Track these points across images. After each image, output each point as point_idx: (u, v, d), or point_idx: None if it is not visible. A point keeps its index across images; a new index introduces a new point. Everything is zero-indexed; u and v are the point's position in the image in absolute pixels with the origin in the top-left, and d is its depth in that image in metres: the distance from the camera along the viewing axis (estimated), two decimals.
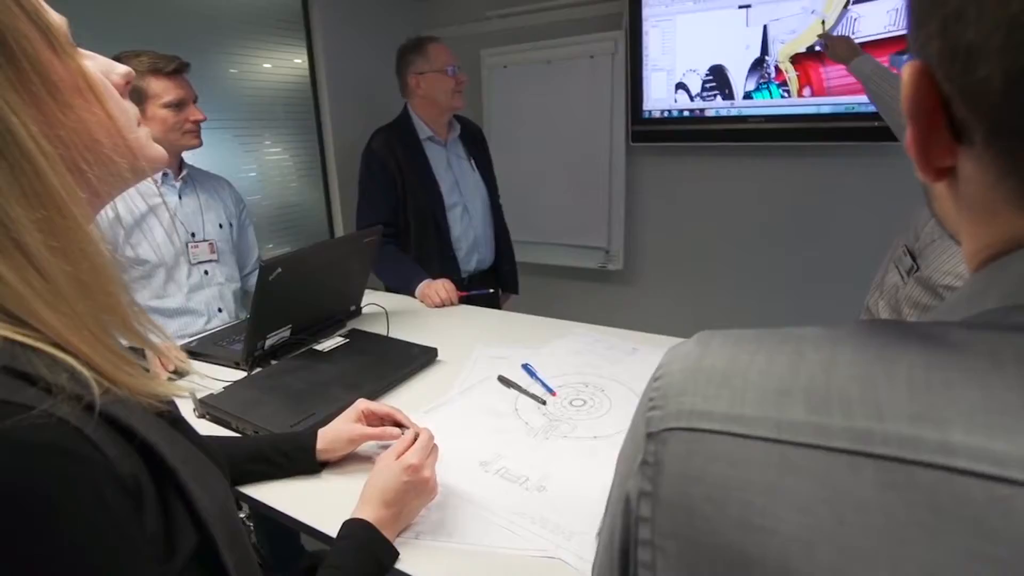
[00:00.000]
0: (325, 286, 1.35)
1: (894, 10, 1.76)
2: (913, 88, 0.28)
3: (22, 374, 0.35)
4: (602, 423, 0.97)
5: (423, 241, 1.81)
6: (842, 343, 0.27)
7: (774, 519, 0.24)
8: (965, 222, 0.31)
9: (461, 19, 2.61)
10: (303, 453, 0.83)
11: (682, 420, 0.28)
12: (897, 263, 1.19)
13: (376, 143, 1.79)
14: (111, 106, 0.43)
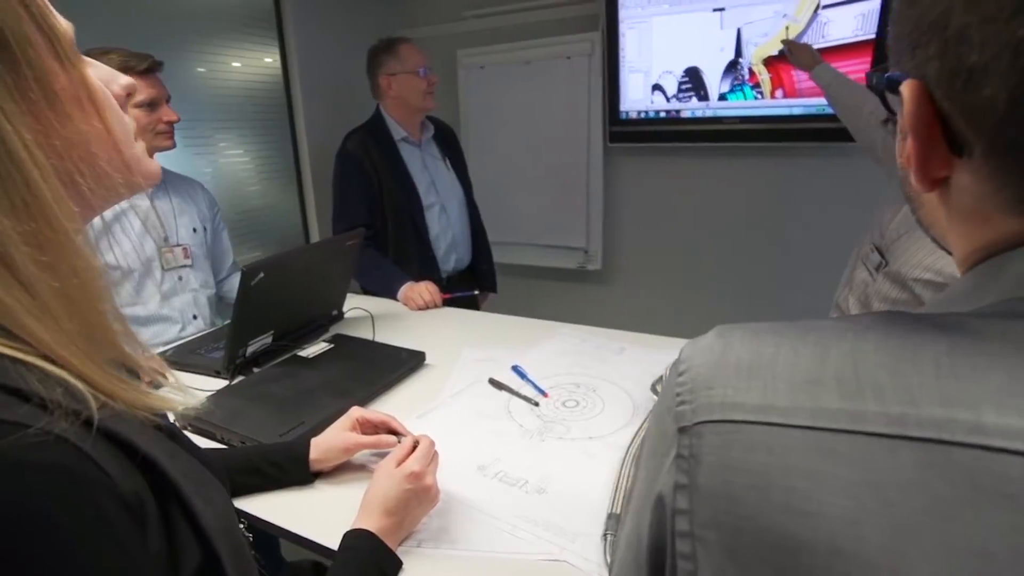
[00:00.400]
0: (307, 291, 1.32)
1: (861, 16, 1.81)
2: (914, 105, 0.30)
3: (14, 390, 0.34)
4: (596, 423, 0.97)
5: (401, 242, 1.79)
6: (864, 333, 0.28)
7: (819, 503, 0.24)
8: (957, 227, 0.33)
9: (437, 19, 2.59)
10: (296, 464, 0.81)
11: (715, 413, 0.29)
12: (865, 260, 1.24)
13: (351, 144, 1.77)
14: (110, 119, 0.41)
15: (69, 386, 0.36)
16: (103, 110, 0.41)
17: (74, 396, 0.36)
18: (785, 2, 1.89)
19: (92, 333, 0.39)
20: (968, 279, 0.32)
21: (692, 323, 2.31)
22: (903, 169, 0.37)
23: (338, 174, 1.77)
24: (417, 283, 1.61)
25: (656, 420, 0.35)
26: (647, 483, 0.34)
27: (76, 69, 0.39)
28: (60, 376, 0.36)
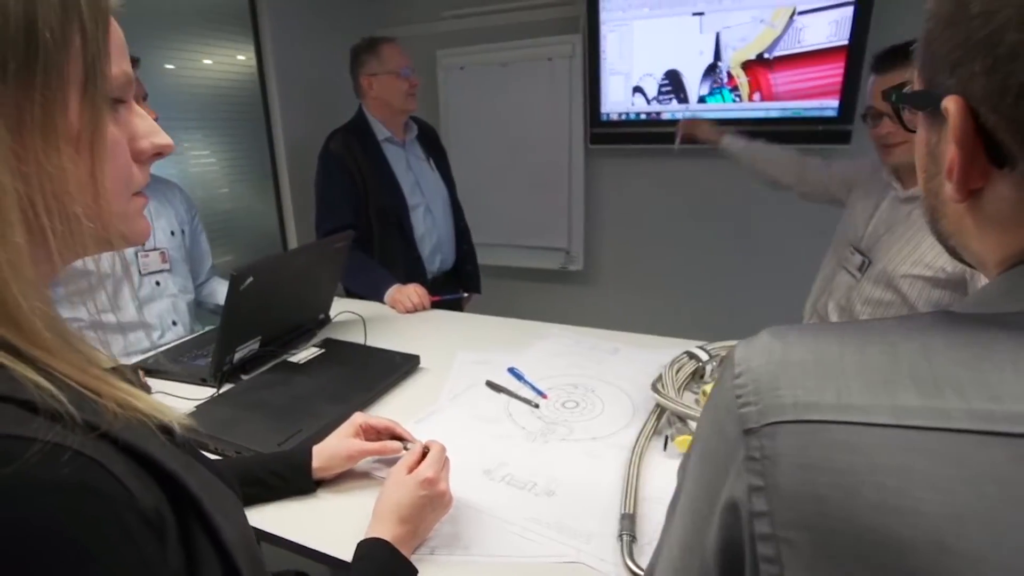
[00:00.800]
0: (295, 295, 1.29)
1: (835, 22, 1.87)
2: (960, 119, 0.31)
3: (23, 402, 0.32)
4: (598, 424, 0.97)
5: (387, 243, 1.76)
6: (928, 332, 0.29)
7: (913, 499, 0.24)
8: (990, 234, 0.34)
9: (416, 19, 2.56)
10: (299, 473, 0.78)
11: (787, 413, 0.29)
12: (845, 264, 1.28)
13: (334, 144, 1.74)
14: (102, 169, 0.38)
15: (81, 397, 0.34)
16: (99, 160, 0.37)
17: (85, 407, 0.34)
18: (763, 8, 1.94)
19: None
20: (1003, 281, 0.33)
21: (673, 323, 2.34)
22: (928, 183, 0.38)
23: (321, 175, 1.74)
24: (404, 285, 1.59)
25: (710, 423, 0.35)
26: (705, 488, 0.34)
27: (96, 113, 0.36)
28: (66, 384, 0.35)
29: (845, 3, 1.84)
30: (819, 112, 1.98)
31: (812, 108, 1.99)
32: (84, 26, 0.36)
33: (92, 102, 0.37)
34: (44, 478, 0.29)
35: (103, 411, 0.35)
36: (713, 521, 0.32)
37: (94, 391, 0.36)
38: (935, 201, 0.39)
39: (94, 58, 0.36)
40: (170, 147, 0.45)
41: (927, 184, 0.39)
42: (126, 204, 0.42)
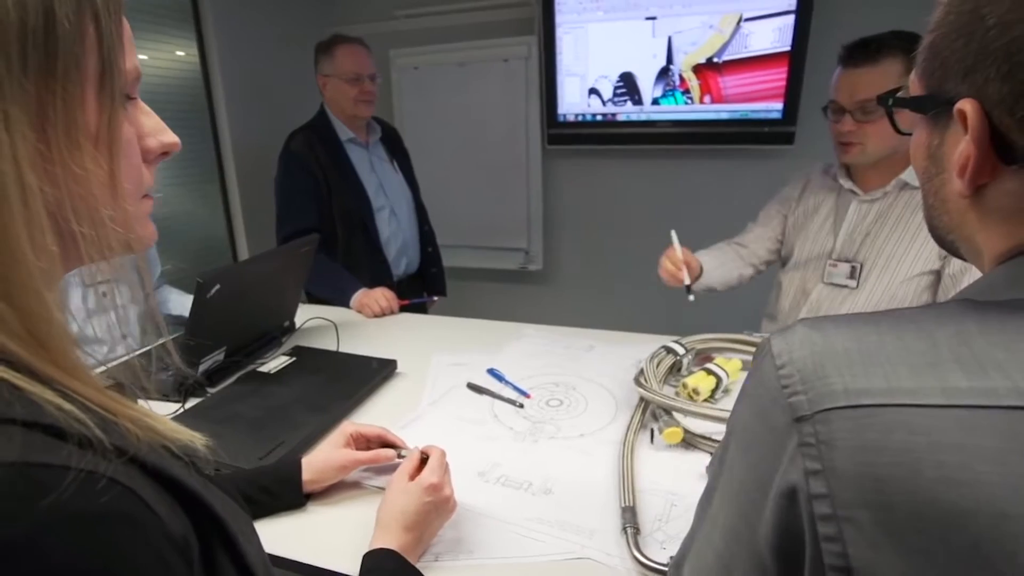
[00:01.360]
0: (262, 302, 1.24)
1: (778, 29, 1.97)
2: (977, 120, 0.34)
3: (47, 427, 0.30)
4: (585, 420, 0.98)
5: (352, 247, 1.72)
6: (960, 319, 0.31)
7: (973, 473, 0.26)
8: (993, 227, 0.37)
9: (368, 17, 2.51)
10: (288, 487, 0.75)
11: (839, 399, 0.30)
12: (829, 279, 1.24)
13: (295, 144, 1.68)
14: (120, 168, 0.36)
15: (105, 420, 0.32)
16: (117, 159, 0.36)
17: (110, 431, 0.32)
18: (712, 14, 2.02)
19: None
20: (1006, 270, 0.36)
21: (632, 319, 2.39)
22: (927, 183, 0.41)
23: (282, 176, 1.67)
24: (371, 289, 1.56)
25: (752, 414, 0.36)
26: (754, 476, 0.35)
27: (113, 110, 0.34)
28: (88, 406, 0.32)
29: (787, 11, 1.94)
30: (765, 114, 2.09)
31: (758, 110, 2.09)
32: (98, 16, 0.34)
33: (110, 98, 0.35)
34: (82, 509, 0.28)
35: (127, 434, 0.33)
36: (766, 507, 0.33)
37: (113, 412, 0.34)
38: (934, 200, 0.42)
39: (110, 51, 0.34)
40: (177, 145, 0.43)
41: (926, 184, 0.42)
42: (138, 206, 0.40)
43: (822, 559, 0.30)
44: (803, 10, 1.92)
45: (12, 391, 0.30)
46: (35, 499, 0.27)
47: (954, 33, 0.35)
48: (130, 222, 0.38)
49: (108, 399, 0.35)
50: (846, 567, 0.29)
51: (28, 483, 0.27)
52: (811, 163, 1.39)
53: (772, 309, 1.40)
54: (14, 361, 0.31)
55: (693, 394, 0.99)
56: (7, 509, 0.26)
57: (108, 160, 0.35)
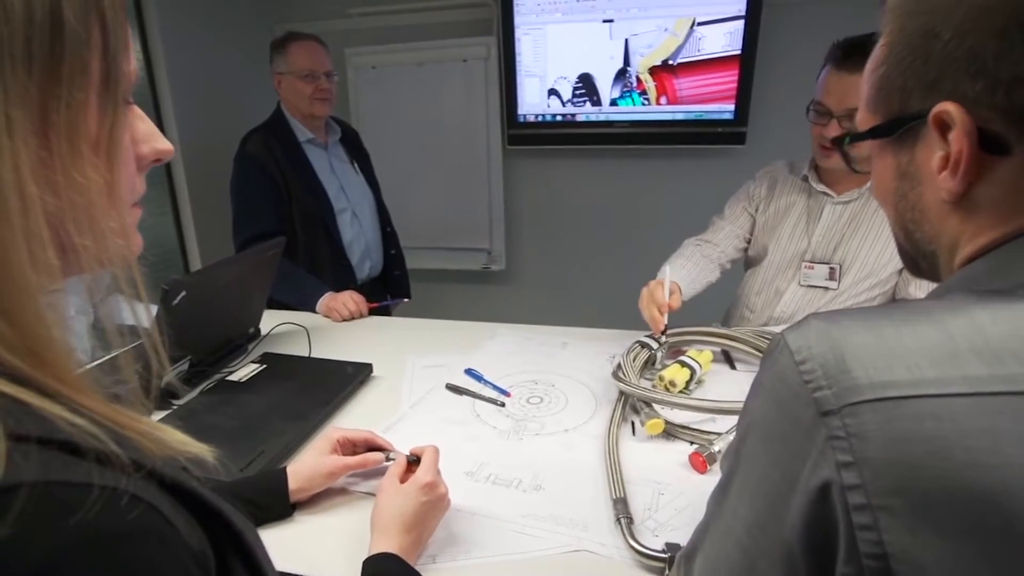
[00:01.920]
0: (227, 308, 1.20)
1: (729, 33, 2.05)
2: (963, 114, 0.37)
3: (63, 443, 0.28)
4: (567, 416, 0.99)
5: (314, 250, 1.68)
6: (969, 310, 0.33)
7: (1003, 455, 0.28)
8: (982, 220, 0.39)
9: (321, 15, 2.45)
10: (275, 498, 0.73)
11: (865, 393, 0.32)
12: (805, 281, 1.26)
13: (252, 145, 1.62)
14: (118, 178, 0.34)
15: (120, 436, 0.31)
16: (116, 167, 0.34)
17: (126, 446, 0.31)
18: (666, 18, 2.08)
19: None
20: (986, 262, 0.39)
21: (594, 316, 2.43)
22: (900, 203, 0.44)
23: (239, 178, 1.61)
24: (339, 293, 1.52)
25: (774, 408, 0.37)
26: (780, 470, 0.36)
27: (116, 115, 0.33)
28: (100, 420, 0.31)
29: (737, 17, 2.02)
30: (718, 115, 2.17)
31: (712, 111, 2.17)
32: (104, 17, 0.32)
33: (113, 103, 0.33)
34: (111, 528, 0.27)
35: (141, 447, 0.32)
36: (794, 500, 0.34)
37: (122, 426, 0.33)
38: (912, 214, 0.44)
39: (115, 53, 0.33)
40: (170, 152, 0.41)
41: (901, 203, 0.45)
42: (130, 215, 0.38)
43: (857, 548, 0.31)
44: (752, 16, 2.00)
45: (19, 406, 0.28)
46: (61, 519, 0.26)
47: (908, 58, 0.39)
48: (128, 232, 0.36)
49: (115, 412, 0.33)
50: (882, 553, 0.30)
51: (52, 503, 0.26)
52: (763, 161, 1.44)
53: (743, 305, 1.41)
54: (16, 376, 0.29)
55: (670, 386, 1.02)
56: (32, 531, 0.25)
57: (108, 168, 0.33)
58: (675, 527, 0.72)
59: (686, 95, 2.16)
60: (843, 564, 0.32)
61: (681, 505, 0.76)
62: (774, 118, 2.16)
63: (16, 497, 0.24)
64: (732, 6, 2.02)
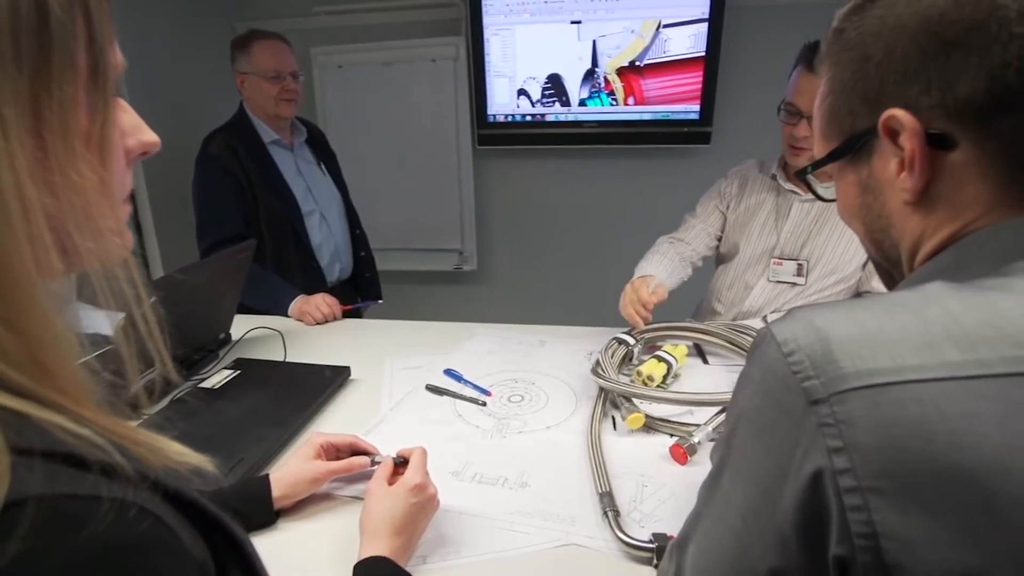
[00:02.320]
0: (198, 313, 1.16)
1: (693, 36, 2.10)
2: (907, 115, 0.40)
3: (67, 456, 0.28)
4: (548, 413, 1.00)
5: (282, 254, 1.64)
6: (943, 300, 0.35)
7: (979, 435, 0.30)
8: (940, 215, 0.43)
9: (285, 13, 2.40)
10: (258, 506, 0.72)
11: (851, 381, 0.34)
12: (774, 277, 1.31)
13: (215, 147, 1.57)
14: (111, 174, 0.33)
15: (124, 448, 0.31)
16: (109, 163, 0.33)
17: (130, 457, 0.30)
18: (633, 20, 2.11)
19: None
20: (949, 255, 0.42)
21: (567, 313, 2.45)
22: (867, 215, 0.47)
23: (202, 181, 1.56)
24: (311, 296, 1.50)
25: (764, 399, 0.38)
26: (772, 458, 0.37)
27: (106, 109, 0.32)
28: (101, 431, 0.31)
29: (701, 19, 2.08)
30: (684, 115, 2.22)
31: (678, 111, 2.22)
32: (88, 5, 0.31)
33: (103, 96, 0.32)
34: (121, 540, 0.26)
35: (144, 459, 0.31)
36: (787, 486, 0.36)
37: (123, 437, 0.32)
38: (879, 223, 0.48)
39: (102, 45, 0.32)
40: (157, 144, 0.40)
41: (867, 215, 0.48)
42: (122, 212, 0.37)
43: (849, 528, 0.32)
44: (715, 18, 2.06)
45: (20, 419, 0.28)
46: (71, 533, 0.25)
47: (850, 83, 0.44)
48: (124, 230, 0.35)
49: (115, 423, 0.33)
50: (872, 533, 0.32)
51: (61, 517, 0.25)
52: (728, 160, 1.48)
53: (714, 300, 1.45)
54: (17, 388, 0.28)
55: (648, 380, 1.04)
56: (44, 546, 0.24)
57: (102, 165, 0.32)
58: (660, 518, 0.74)
59: (653, 96, 2.21)
60: (835, 545, 0.34)
61: (664, 496, 0.78)
62: (738, 118, 2.22)
63: (24, 512, 0.24)
64: (696, 9, 2.07)
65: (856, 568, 0.33)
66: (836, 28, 0.46)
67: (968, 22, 0.37)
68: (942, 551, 0.31)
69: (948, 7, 0.38)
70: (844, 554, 0.33)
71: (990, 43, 0.36)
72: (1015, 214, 0.39)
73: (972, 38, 0.37)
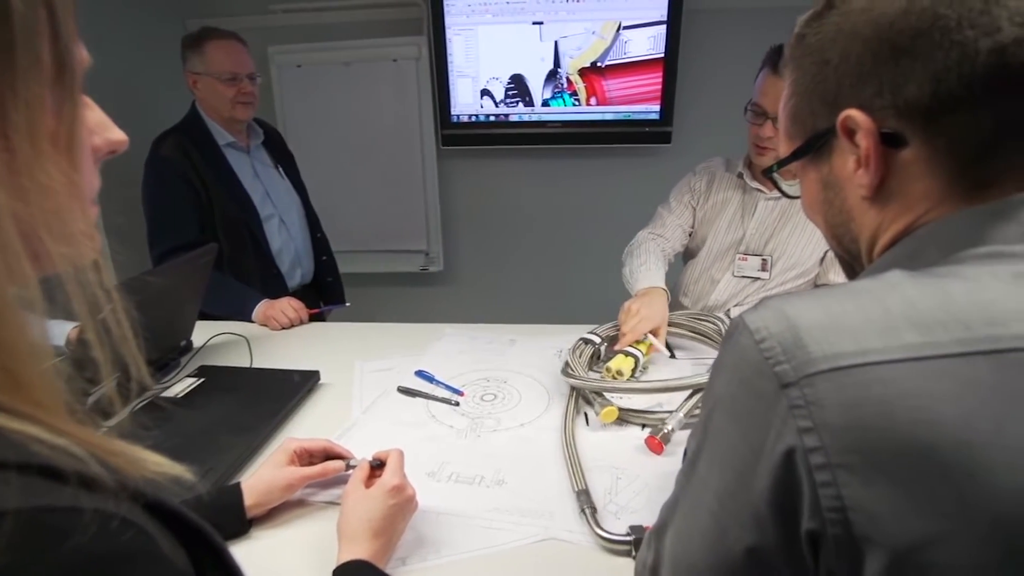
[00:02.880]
0: (158, 320, 1.12)
1: (653, 37, 2.15)
2: (862, 115, 0.43)
3: (43, 468, 0.27)
4: (522, 411, 1.01)
5: (240, 260, 1.58)
6: (901, 288, 0.38)
7: (935, 412, 0.32)
8: (894, 210, 0.45)
9: (240, 10, 2.34)
10: (230, 515, 0.70)
11: (819, 364, 0.35)
12: (740, 272, 1.36)
13: (166, 149, 1.51)
14: (80, 175, 0.32)
15: (102, 458, 0.30)
16: (77, 163, 0.32)
17: (108, 467, 0.30)
18: (594, 21, 2.14)
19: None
20: (904, 246, 0.45)
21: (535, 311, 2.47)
22: (829, 211, 0.50)
23: (153, 186, 1.50)
24: (276, 300, 1.46)
25: (738, 385, 0.40)
26: (746, 440, 0.39)
27: (72, 107, 0.30)
28: (76, 440, 0.30)
29: (659, 22, 2.12)
30: (645, 115, 2.26)
31: (639, 112, 2.26)
32: (52, 1, 0.30)
33: (70, 94, 0.31)
34: (104, 552, 0.26)
35: (121, 469, 0.31)
36: (761, 466, 0.37)
37: (99, 447, 0.31)
38: (840, 218, 0.50)
39: (66, 40, 0.30)
40: (124, 143, 0.38)
41: (829, 211, 0.51)
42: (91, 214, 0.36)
43: (820, 503, 0.34)
44: (673, 20, 2.10)
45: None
46: (54, 545, 0.24)
47: (811, 85, 0.47)
48: (95, 233, 0.34)
49: (91, 433, 0.32)
50: (841, 507, 0.34)
51: (40, 529, 0.24)
52: (689, 158, 1.52)
53: (680, 293, 1.49)
54: None
55: (617, 375, 1.06)
56: (26, 560, 0.24)
57: (71, 166, 0.31)
58: (634, 509, 0.76)
59: (615, 96, 2.24)
60: (808, 520, 0.35)
61: (638, 487, 0.80)
62: (697, 117, 2.28)
63: (2, 526, 0.23)
64: (654, 11, 2.11)
65: (827, 541, 0.35)
66: (798, 34, 0.48)
67: (914, 30, 0.40)
68: (904, 521, 0.33)
69: (897, 16, 0.41)
70: (816, 528, 0.35)
71: (933, 49, 0.39)
72: (962, 206, 0.42)
73: (918, 44, 0.40)
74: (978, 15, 0.38)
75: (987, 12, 0.38)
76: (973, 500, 0.31)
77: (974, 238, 0.39)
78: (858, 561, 0.34)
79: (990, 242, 0.39)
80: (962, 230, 0.41)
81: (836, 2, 0.45)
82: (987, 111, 0.39)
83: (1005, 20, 0.37)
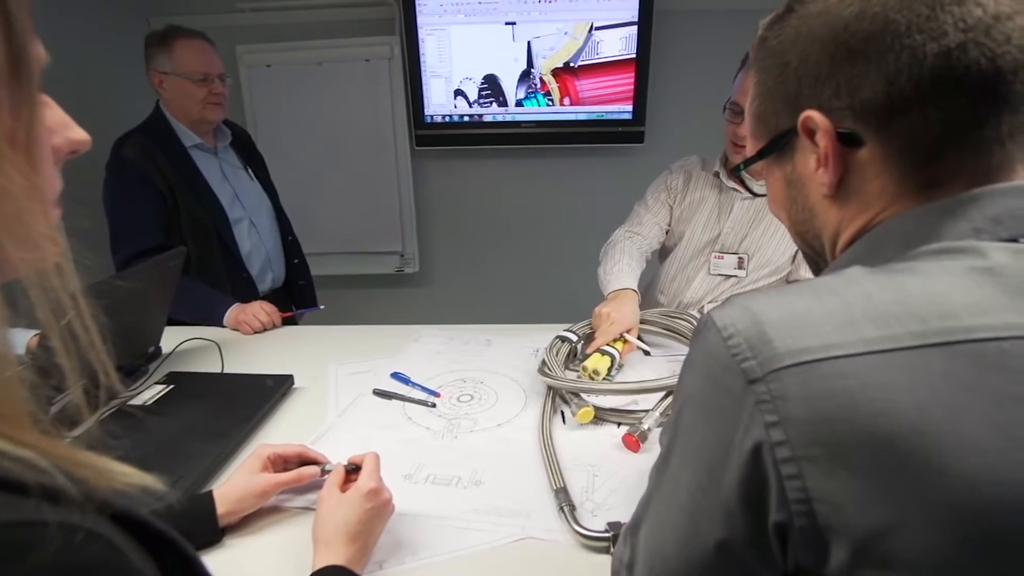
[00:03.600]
0: (124, 326, 1.09)
1: (624, 38, 2.17)
2: (821, 116, 0.44)
3: (4, 482, 0.26)
4: (499, 411, 1.01)
5: (208, 265, 1.54)
6: (861, 283, 0.39)
7: (894, 403, 0.34)
8: (853, 209, 0.47)
9: (206, 9, 2.29)
10: (202, 524, 0.69)
11: (785, 360, 0.36)
12: (716, 270, 1.39)
13: (129, 150, 1.46)
14: (41, 176, 0.31)
15: (67, 470, 0.29)
16: (37, 165, 0.31)
17: (74, 479, 0.29)
18: (566, 22, 2.16)
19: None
20: (864, 243, 0.46)
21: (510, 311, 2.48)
22: (792, 208, 0.51)
23: (116, 189, 1.45)
24: (248, 304, 1.43)
25: (706, 381, 0.41)
26: (716, 435, 0.39)
27: (30, 106, 0.29)
28: (40, 452, 0.29)
29: (631, 23, 2.15)
30: (617, 115, 2.29)
31: (612, 112, 2.28)
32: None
33: (28, 93, 0.30)
34: (68, 565, 0.25)
35: (89, 480, 0.30)
36: (730, 461, 0.38)
37: (64, 459, 0.30)
38: (804, 215, 0.52)
39: (22, 36, 0.29)
40: (87, 143, 0.37)
41: (793, 208, 0.52)
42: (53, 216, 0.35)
43: (786, 495, 0.35)
44: (644, 22, 2.13)
45: None
46: (16, 560, 0.24)
47: (773, 87, 0.48)
48: (57, 237, 0.33)
49: (55, 444, 0.31)
50: (806, 498, 0.35)
51: (4, 544, 0.24)
52: (661, 158, 1.54)
53: (656, 291, 1.50)
54: None
55: (594, 374, 1.07)
56: None
57: (30, 167, 0.30)
58: (611, 505, 0.76)
59: (588, 96, 2.26)
60: (775, 512, 0.36)
61: (615, 485, 0.81)
62: (669, 117, 2.32)
63: None
64: (626, 12, 2.13)
65: (794, 532, 0.36)
66: (760, 36, 0.50)
67: (867, 33, 0.41)
68: (866, 510, 0.34)
69: (851, 19, 0.42)
70: (783, 520, 0.36)
71: (885, 52, 0.40)
72: (915, 205, 0.43)
73: (871, 47, 0.41)
74: (925, 20, 0.39)
75: (934, 18, 0.39)
76: (928, 487, 0.33)
77: (927, 234, 0.41)
78: (824, 551, 0.35)
79: (942, 238, 0.40)
80: (916, 227, 0.42)
81: (795, 5, 0.46)
82: (936, 112, 0.40)
83: (950, 25, 0.39)
